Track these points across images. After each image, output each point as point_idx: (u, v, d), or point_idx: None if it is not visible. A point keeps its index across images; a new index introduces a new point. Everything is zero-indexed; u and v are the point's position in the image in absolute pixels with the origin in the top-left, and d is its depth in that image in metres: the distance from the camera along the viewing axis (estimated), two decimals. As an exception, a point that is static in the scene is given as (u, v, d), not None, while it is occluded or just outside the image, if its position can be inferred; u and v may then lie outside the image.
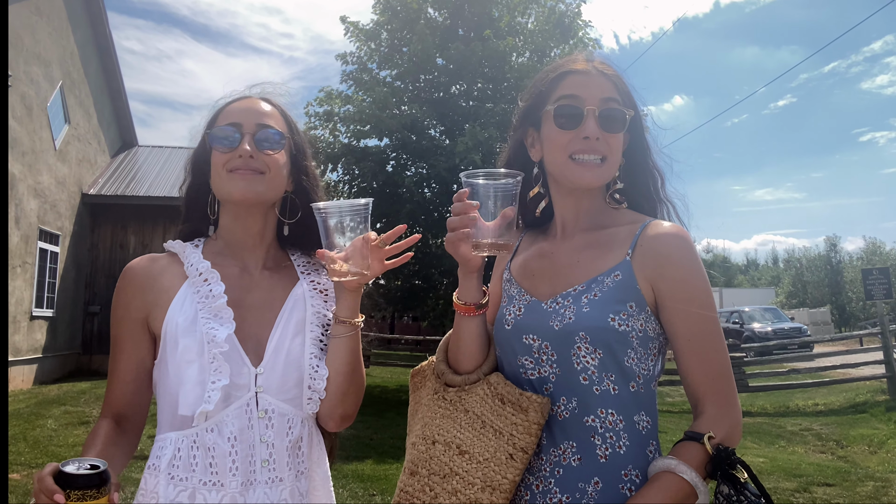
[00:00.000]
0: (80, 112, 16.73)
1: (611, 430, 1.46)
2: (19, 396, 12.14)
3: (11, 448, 7.76)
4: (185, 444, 1.52)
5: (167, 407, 1.57)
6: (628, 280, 1.49)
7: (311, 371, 1.59)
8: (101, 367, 16.70)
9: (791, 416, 12.08)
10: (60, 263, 15.69)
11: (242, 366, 1.55)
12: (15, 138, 13.11)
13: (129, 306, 1.63)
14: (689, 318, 1.46)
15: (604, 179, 1.59)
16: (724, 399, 1.43)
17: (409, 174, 14.01)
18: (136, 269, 1.66)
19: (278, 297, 1.67)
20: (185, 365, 1.52)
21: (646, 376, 1.50)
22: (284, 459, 1.55)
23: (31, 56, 13.89)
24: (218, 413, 1.51)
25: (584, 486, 1.44)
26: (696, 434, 1.38)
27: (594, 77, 1.59)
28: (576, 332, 1.47)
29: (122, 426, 1.60)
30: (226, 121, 1.66)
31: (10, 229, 13.11)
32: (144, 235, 17.61)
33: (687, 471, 1.33)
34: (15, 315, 13.46)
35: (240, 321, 1.58)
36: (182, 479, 1.50)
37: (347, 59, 15.11)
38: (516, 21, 14.71)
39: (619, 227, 1.59)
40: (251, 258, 1.71)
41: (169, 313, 1.58)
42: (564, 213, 1.68)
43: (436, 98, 14.58)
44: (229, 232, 1.71)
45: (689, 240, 1.53)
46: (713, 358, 1.45)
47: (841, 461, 8.47)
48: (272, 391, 1.56)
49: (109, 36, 17.98)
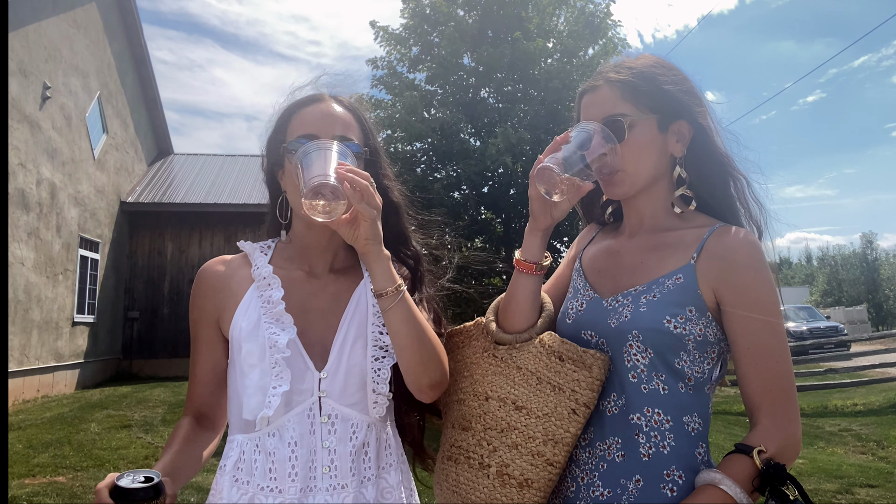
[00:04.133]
0: (117, 122, 17.05)
1: (656, 429, 1.43)
2: (63, 401, 12.38)
3: (57, 451, 7.92)
4: (248, 447, 1.53)
5: (235, 410, 1.58)
6: (690, 284, 1.47)
7: (374, 374, 1.55)
8: (141, 372, 17.01)
9: (829, 416, 11.87)
10: (100, 270, 15.99)
11: (306, 370, 1.53)
12: (55, 148, 13.41)
13: (203, 309, 1.64)
14: (749, 326, 1.42)
15: (624, 191, 1.58)
16: (781, 411, 1.39)
17: (439, 177, 14.02)
18: (208, 272, 1.67)
19: (343, 299, 1.64)
20: (248, 369, 1.52)
21: (699, 379, 1.47)
22: (347, 465, 1.51)
23: (70, 68, 14.19)
24: (279, 418, 1.50)
25: (626, 483, 1.43)
26: (747, 447, 1.35)
27: (600, 91, 1.58)
28: (629, 330, 1.47)
29: (202, 424, 1.63)
30: (302, 130, 1.59)
31: (52, 238, 13.42)
32: (181, 242, 17.89)
33: (731, 486, 1.30)
34: (58, 321, 13.76)
35: (305, 326, 1.57)
36: (244, 483, 1.51)
37: (378, 63, 15.15)
38: (546, 22, 14.65)
39: (688, 231, 1.55)
40: (319, 262, 1.68)
41: (235, 317, 1.58)
42: (630, 215, 1.67)
43: (466, 100, 14.56)
44: (301, 238, 1.68)
45: (756, 246, 1.48)
46: (772, 368, 1.41)
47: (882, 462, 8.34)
48: (335, 395, 1.54)
49: (145, 47, 18.30)
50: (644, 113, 1.55)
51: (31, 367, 12.64)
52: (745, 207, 1.60)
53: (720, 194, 1.59)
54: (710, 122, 1.60)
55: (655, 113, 1.55)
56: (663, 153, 1.58)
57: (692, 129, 1.58)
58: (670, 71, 1.60)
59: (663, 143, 1.57)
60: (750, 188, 1.61)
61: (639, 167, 1.55)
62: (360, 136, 1.65)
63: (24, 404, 11.96)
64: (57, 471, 7.09)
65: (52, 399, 12.76)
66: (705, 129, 1.58)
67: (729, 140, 1.64)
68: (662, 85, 1.56)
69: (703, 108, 1.59)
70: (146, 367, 17.15)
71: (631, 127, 1.53)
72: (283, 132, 1.64)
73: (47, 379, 13.35)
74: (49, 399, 12.78)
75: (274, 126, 1.68)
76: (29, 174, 12.36)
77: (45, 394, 13.23)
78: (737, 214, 1.59)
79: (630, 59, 1.64)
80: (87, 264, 15.30)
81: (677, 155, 1.59)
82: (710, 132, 1.59)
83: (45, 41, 12.99)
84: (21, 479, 6.71)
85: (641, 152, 1.55)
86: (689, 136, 1.58)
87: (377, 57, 15.08)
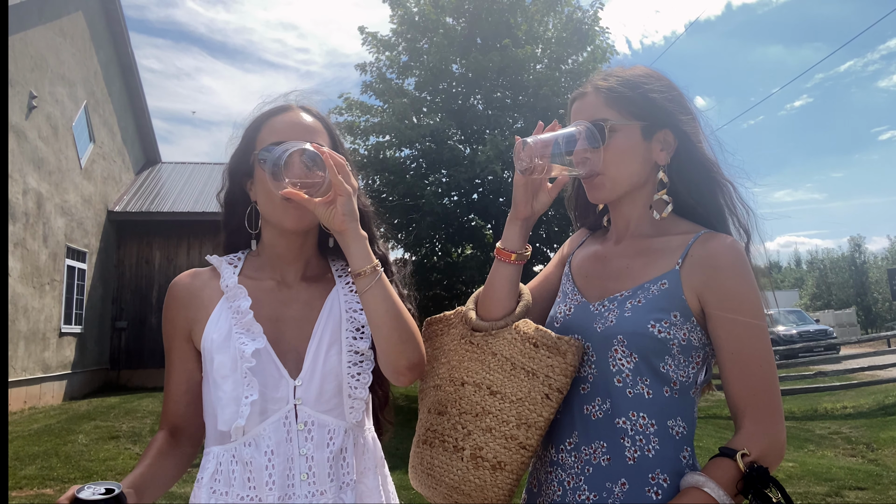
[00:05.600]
0: (104, 131, 16.99)
1: (641, 433, 1.45)
2: (50, 412, 12.29)
3: (44, 463, 7.87)
4: (225, 458, 1.53)
5: (210, 421, 1.59)
6: (674, 289, 1.49)
7: (350, 380, 1.57)
8: (130, 383, 16.89)
9: (819, 419, 11.94)
10: (88, 280, 15.90)
11: (280, 378, 1.54)
12: (41, 158, 13.35)
13: (174, 322, 1.64)
14: (734, 331, 1.44)
15: (604, 195, 1.61)
16: (765, 415, 1.40)
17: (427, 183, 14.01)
18: (179, 286, 1.67)
19: (316, 307, 1.65)
20: (221, 380, 1.53)
21: (683, 383, 1.49)
22: (325, 471, 1.53)
23: (56, 77, 14.15)
24: (255, 427, 1.51)
25: (612, 486, 1.45)
26: (730, 450, 1.36)
27: (587, 97, 1.62)
28: (615, 335, 1.48)
29: (177, 438, 1.62)
30: (272, 138, 1.60)
31: (39, 248, 13.34)
32: (169, 251, 17.81)
33: (715, 488, 1.32)
34: (44, 332, 13.66)
35: (278, 334, 1.59)
36: (222, 494, 1.52)
37: (367, 68, 15.14)
38: (534, 29, 14.68)
39: (673, 237, 1.58)
40: (290, 271, 1.69)
41: (206, 329, 1.58)
42: (617, 220, 1.70)
43: (455, 107, 14.58)
44: (272, 247, 1.69)
45: (740, 251, 1.50)
46: (756, 372, 1.42)
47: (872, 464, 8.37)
48: (311, 402, 1.55)
49: (132, 55, 18.26)
50: (627, 119, 1.57)
51: (18, 378, 12.54)
52: (733, 214, 1.62)
53: (707, 201, 1.61)
54: (696, 130, 1.62)
55: (639, 120, 1.58)
56: (647, 160, 1.60)
57: (676, 138, 1.60)
58: (658, 81, 1.62)
59: (647, 151, 1.59)
60: (737, 194, 1.63)
61: (620, 172, 1.58)
62: (330, 145, 1.66)
63: (11, 416, 11.85)
64: (44, 483, 7.05)
65: (39, 410, 12.66)
66: (690, 137, 1.60)
67: (716, 147, 1.66)
68: (648, 93, 1.58)
69: (689, 116, 1.61)
70: (134, 378, 17.03)
71: (612, 131, 1.56)
72: (251, 142, 1.66)
73: (34, 390, 13.24)
74: (36, 410, 12.67)
75: (242, 137, 1.70)
76: (15, 184, 12.29)
77: (32, 405, 13.12)
78: (725, 221, 1.61)
79: (622, 69, 1.67)
80: (74, 274, 15.21)
81: (661, 163, 1.61)
82: (696, 141, 1.61)
83: (31, 50, 12.95)
84: (8, 491, 6.65)
85: (623, 157, 1.57)
86: (674, 144, 1.60)
87: (366, 62, 15.08)
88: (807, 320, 28.23)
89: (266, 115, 1.68)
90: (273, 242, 1.68)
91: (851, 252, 56.05)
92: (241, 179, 1.69)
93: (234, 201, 1.72)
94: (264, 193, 1.61)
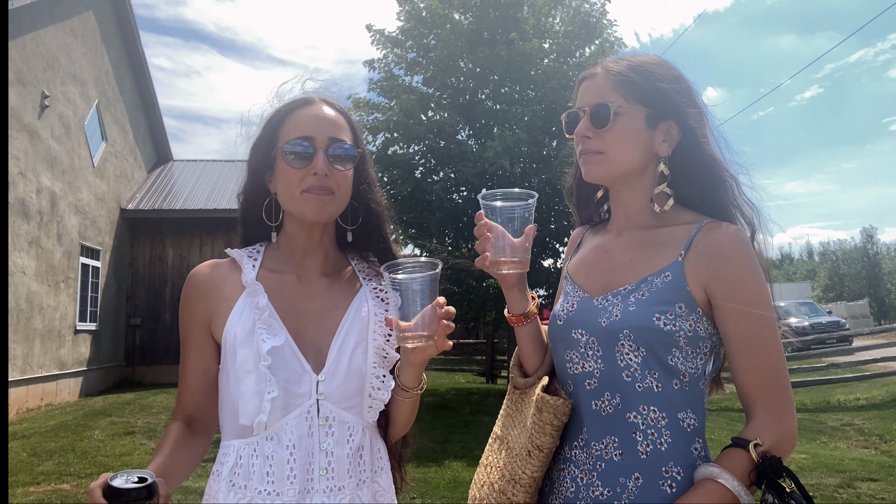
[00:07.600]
0: (116, 129, 17.09)
1: (652, 426, 1.45)
2: (66, 409, 12.42)
3: (61, 459, 7.95)
4: (246, 451, 1.52)
5: (229, 414, 1.57)
6: (678, 281, 1.48)
7: (375, 381, 1.58)
8: (144, 379, 17.04)
9: (832, 411, 11.89)
10: (102, 278, 16.02)
11: (303, 373, 1.53)
12: (55, 157, 13.45)
13: (193, 313, 1.63)
14: (742, 320, 1.43)
15: (601, 173, 1.60)
16: (776, 405, 1.40)
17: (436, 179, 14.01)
18: (199, 276, 1.66)
19: (340, 304, 1.65)
20: (244, 375, 1.52)
21: (692, 375, 1.48)
22: (345, 467, 1.53)
23: (68, 76, 14.23)
24: (277, 421, 1.51)
25: (625, 481, 1.45)
26: (743, 441, 1.36)
27: (596, 79, 1.62)
28: (620, 329, 1.48)
29: (192, 429, 1.63)
30: (297, 132, 1.61)
31: (53, 246, 13.45)
32: (182, 248, 17.92)
33: (729, 479, 1.32)
34: (60, 329, 13.79)
35: (299, 329, 1.58)
36: (241, 487, 1.50)
37: (375, 65, 15.14)
38: (542, 23, 14.63)
39: (676, 227, 1.57)
40: (311, 265, 1.69)
41: (228, 323, 1.57)
42: (616, 211, 1.69)
43: (463, 103, 14.56)
44: (292, 240, 1.69)
45: (745, 241, 1.49)
46: (766, 361, 1.42)
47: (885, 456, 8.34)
48: (333, 399, 1.55)
49: (142, 54, 18.34)
50: (633, 104, 1.57)
51: (34, 375, 12.66)
52: (737, 209, 1.61)
53: (709, 196, 1.61)
54: (702, 125, 1.61)
55: (645, 107, 1.57)
56: (648, 148, 1.60)
57: (681, 131, 1.59)
58: (669, 71, 1.61)
59: (649, 139, 1.59)
60: (741, 190, 1.62)
61: (620, 154, 1.58)
62: (352, 139, 1.67)
63: (28, 413, 11.99)
64: (61, 478, 7.12)
65: (55, 407, 12.80)
66: (695, 131, 1.59)
67: (721, 143, 1.65)
68: (657, 81, 1.57)
69: (696, 110, 1.60)
70: (149, 374, 17.17)
71: (617, 115, 1.56)
72: (274, 135, 1.65)
73: (50, 387, 13.37)
74: (52, 407, 12.81)
75: (263, 129, 1.69)
76: (29, 183, 12.39)
77: (49, 402, 13.25)
78: (730, 216, 1.60)
79: (634, 55, 1.66)
80: (88, 272, 15.33)
81: (662, 154, 1.60)
82: (700, 136, 1.60)
83: (42, 50, 13.03)
84: (25, 487, 6.74)
85: (625, 141, 1.57)
86: (676, 137, 1.60)
87: (374, 59, 15.08)
88: (819, 312, 28.06)
89: (288, 108, 1.67)
90: (294, 234, 1.68)
91: (864, 243, 55.64)
92: (263, 172, 1.69)
93: (254, 193, 1.72)
94: (285, 185, 1.61)
